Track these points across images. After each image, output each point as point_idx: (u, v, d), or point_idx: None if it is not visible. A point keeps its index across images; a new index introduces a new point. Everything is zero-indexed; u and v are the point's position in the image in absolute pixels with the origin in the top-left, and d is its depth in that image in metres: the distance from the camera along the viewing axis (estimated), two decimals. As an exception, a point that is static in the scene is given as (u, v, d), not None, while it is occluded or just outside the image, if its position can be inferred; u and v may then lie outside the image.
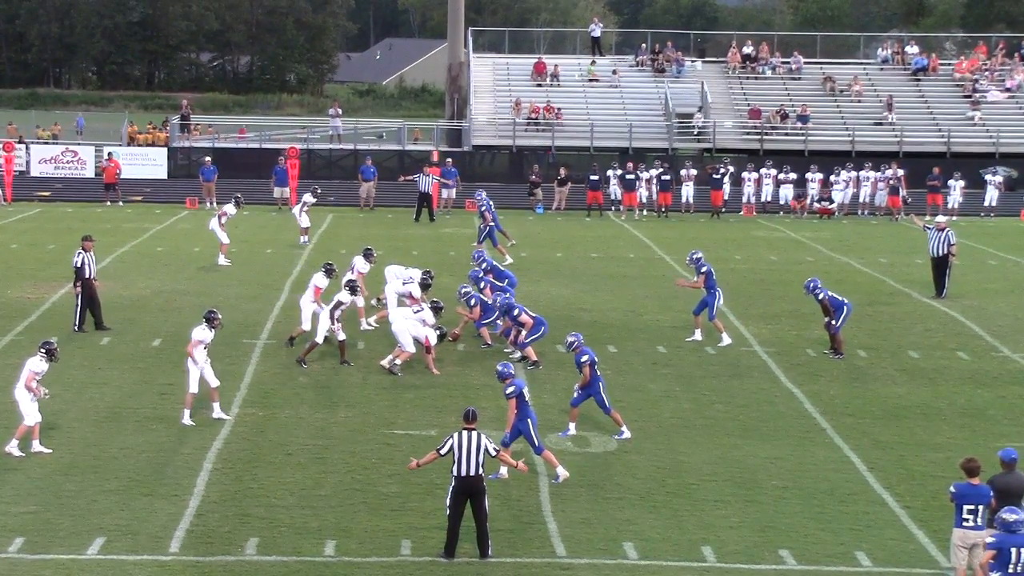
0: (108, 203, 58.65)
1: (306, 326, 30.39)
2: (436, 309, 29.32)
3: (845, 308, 30.93)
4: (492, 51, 74.39)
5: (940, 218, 39.50)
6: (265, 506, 20.61)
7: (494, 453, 19.15)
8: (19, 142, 65.70)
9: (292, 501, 20.85)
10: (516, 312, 29.51)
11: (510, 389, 22.63)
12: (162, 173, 64.36)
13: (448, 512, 18.86)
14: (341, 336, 29.12)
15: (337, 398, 26.82)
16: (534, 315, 29.59)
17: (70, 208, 57.11)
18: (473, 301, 30.98)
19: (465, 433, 18.97)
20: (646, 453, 23.45)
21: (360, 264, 33.33)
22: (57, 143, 70.38)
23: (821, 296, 30.86)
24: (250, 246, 46.54)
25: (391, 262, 34.86)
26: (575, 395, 24.94)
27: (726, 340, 31.83)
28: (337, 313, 28.85)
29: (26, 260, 42.89)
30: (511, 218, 52.38)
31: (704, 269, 32.04)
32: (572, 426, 24.79)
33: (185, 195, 59.12)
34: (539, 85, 69.32)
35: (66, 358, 29.33)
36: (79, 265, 32.39)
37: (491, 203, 46.30)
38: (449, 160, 59.33)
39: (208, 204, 58.16)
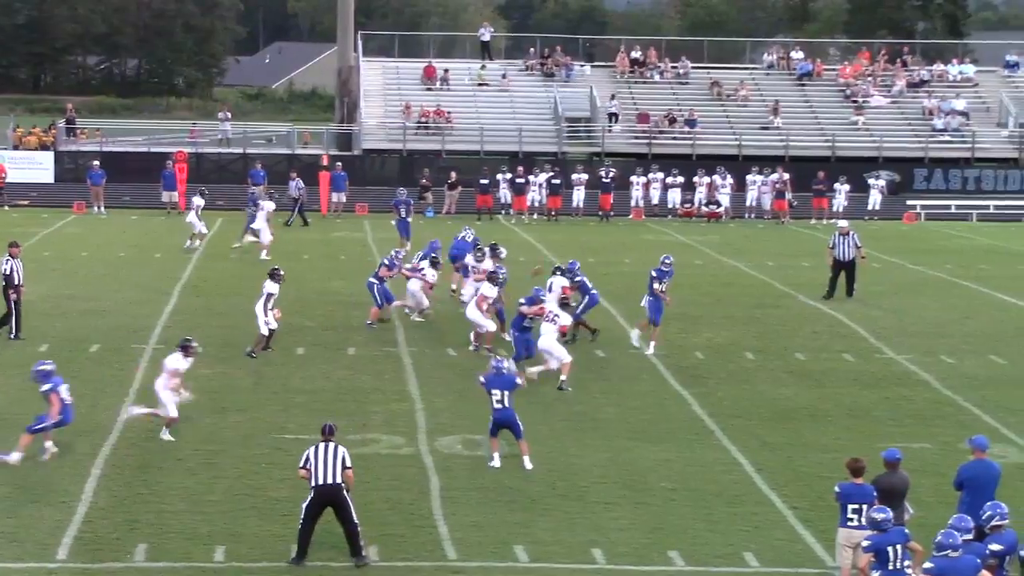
0: (-7, 207, 57.94)
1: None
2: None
3: (590, 297, 32.12)
4: (382, 55, 74.33)
5: (842, 223, 39.98)
6: (155, 512, 20.49)
7: (349, 464, 19.12)
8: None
9: (182, 506, 20.75)
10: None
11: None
12: (49, 177, 63.61)
13: (301, 520, 18.81)
14: (273, 325, 29.98)
15: (227, 403, 26.69)
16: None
17: (-46, 213, 56.35)
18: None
19: (322, 445, 19.00)
20: (537, 456, 23.50)
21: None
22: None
23: (577, 279, 31.93)
24: (139, 250, 46.21)
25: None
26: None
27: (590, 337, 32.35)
28: (269, 304, 29.68)
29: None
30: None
31: (578, 279, 32.28)
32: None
33: (72, 199, 58.51)
34: (429, 89, 69.35)
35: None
36: (8, 272, 31.83)
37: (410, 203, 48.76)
38: (339, 164, 59.19)
39: (96, 208, 57.64)
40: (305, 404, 26.69)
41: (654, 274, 32.14)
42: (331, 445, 19.00)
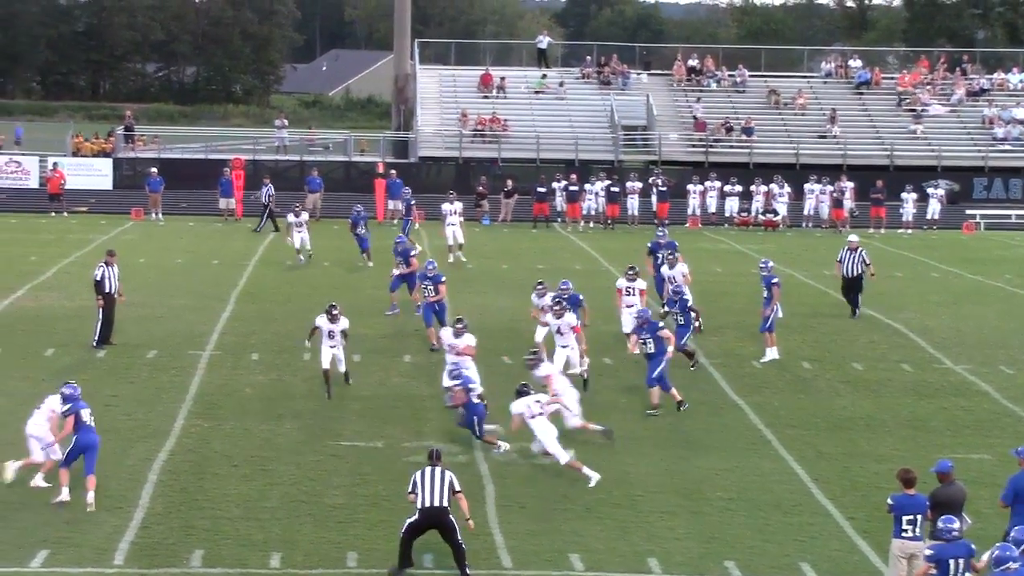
0: (53, 214, 58.33)
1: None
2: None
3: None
4: (438, 63, 74.37)
5: (852, 237, 39.34)
6: (210, 518, 20.54)
7: (459, 488, 19.03)
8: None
9: (237, 513, 20.79)
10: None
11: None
12: (107, 184, 64.02)
13: (403, 533, 18.75)
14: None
15: (283, 409, 26.74)
16: None
17: (14, 219, 56.73)
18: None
19: (428, 469, 18.96)
20: (592, 464, 23.43)
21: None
22: (1, 153, 69.87)
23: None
24: (196, 257, 46.44)
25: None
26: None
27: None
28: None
29: (-31, 271, 42.59)
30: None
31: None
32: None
33: (130, 206, 58.85)
34: (485, 97, 69.39)
35: (8, 370, 29.26)
36: (99, 279, 31.90)
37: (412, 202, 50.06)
38: (394, 172, 59.29)
39: (154, 215, 57.97)
40: (360, 411, 26.72)
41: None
42: (438, 469, 18.94)
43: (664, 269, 34.26)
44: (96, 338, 31.56)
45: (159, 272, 42.68)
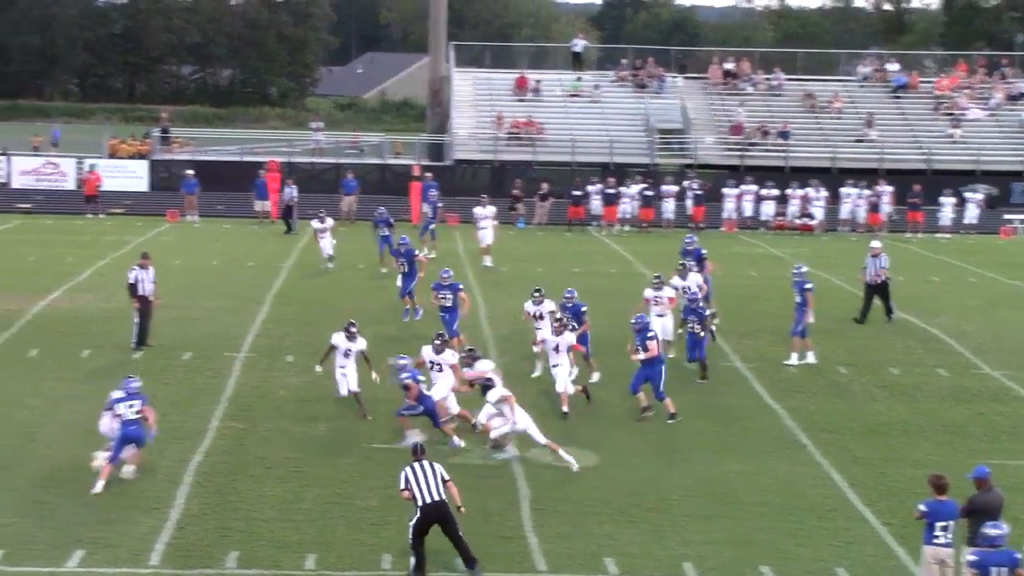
0: (89, 215, 58.56)
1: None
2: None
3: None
4: (474, 65, 74.37)
5: (875, 243, 38.95)
6: (245, 519, 20.58)
7: (448, 477, 19.15)
8: (0, 154, 65.52)
9: (272, 514, 20.83)
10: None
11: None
12: (143, 186, 64.22)
13: (412, 539, 18.75)
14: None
15: (317, 412, 26.77)
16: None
17: (50, 220, 56.97)
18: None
19: (416, 464, 19.01)
20: (626, 468, 23.46)
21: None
22: (38, 155, 70.19)
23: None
24: (231, 259, 46.54)
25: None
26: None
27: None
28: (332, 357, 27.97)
29: (5, 272, 42.74)
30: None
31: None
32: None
33: (166, 208, 59.05)
34: (521, 100, 69.35)
35: (44, 371, 29.37)
36: (132, 282, 31.96)
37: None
38: (429, 175, 59.31)
39: (189, 217, 58.15)
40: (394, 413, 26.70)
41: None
42: (426, 463, 19.01)
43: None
44: (135, 340, 31.68)
45: (194, 274, 42.77)
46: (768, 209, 60.02)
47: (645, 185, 58.99)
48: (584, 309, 30.07)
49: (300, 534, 20.03)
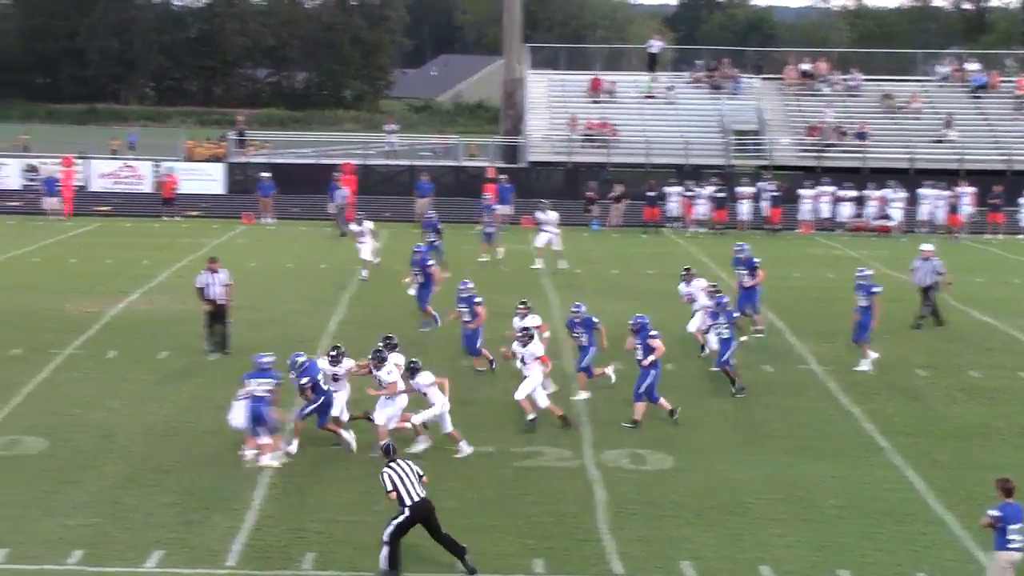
0: (165, 218, 59.01)
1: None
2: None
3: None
4: (548, 67, 74.30)
5: (926, 246, 38.24)
6: (322, 521, 20.62)
7: (423, 473, 19.30)
8: (79, 157, 66.13)
9: (349, 516, 20.86)
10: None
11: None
12: (219, 188, 64.65)
13: (391, 536, 18.81)
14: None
15: (393, 413, 26.76)
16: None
17: (128, 223, 57.45)
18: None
19: (394, 465, 19.07)
20: (702, 471, 23.36)
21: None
22: (116, 158, 70.80)
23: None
24: (306, 261, 46.72)
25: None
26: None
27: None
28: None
29: (84, 274, 43.14)
30: (566, 235, 52.23)
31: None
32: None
33: (242, 210, 59.39)
34: (595, 101, 69.26)
35: (122, 372, 29.58)
36: (200, 286, 32.11)
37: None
38: (504, 176, 59.34)
39: (265, 219, 58.46)
40: (470, 415, 26.67)
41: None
42: (402, 462, 19.15)
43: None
44: (208, 346, 31.74)
45: (270, 276, 42.96)
46: (845, 210, 59.62)
47: (716, 187, 58.76)
48: (596, 320, 28.77)
49: (377, 536, 19.96)
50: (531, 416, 26.01)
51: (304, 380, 24.14)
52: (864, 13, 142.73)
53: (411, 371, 24.28)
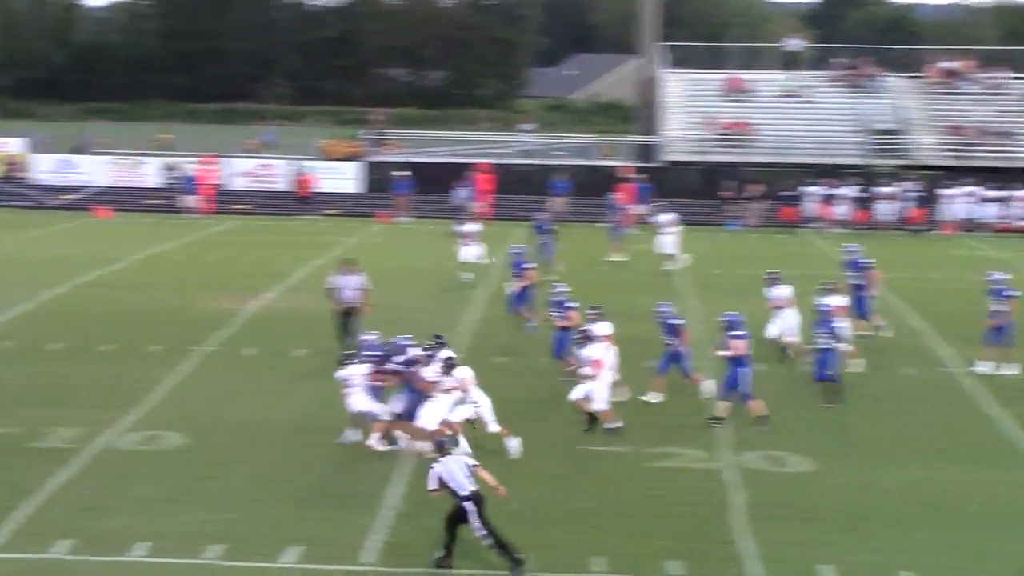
0: (303, 216, 59.47)
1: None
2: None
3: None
4: (684, 66, 73.82)
5: None
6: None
7: (476, 463, 19.31)
8: (218, 156, 66.90)
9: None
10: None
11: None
12: (355, 187, 65.05)
13: (450, 527, 18.82)
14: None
15: (525, 412, 26.67)
16: None
17: (266, 221, 58.01)
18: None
19: (444, 460, 19.02)
20: (842, 474, 23.04)
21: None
22: (253, 157, 71.53)
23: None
24: (442, 260, 46.74)
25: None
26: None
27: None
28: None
29: (223, 272, 43.62)
30: (703, 234, 52.02)
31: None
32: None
33: (377, 209, 59.69)
34: (732, 100, 68.79)
35: (260, 370, 29.80)
36: (332, 287, 32.15)
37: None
38: (641, 176, 59.10)
39: (401, 218, 58.70)
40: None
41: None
42: (451, 457, 19.07)
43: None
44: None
45: (405, 275, 43.08)
46: (990, 211, 58.61)
47: (858, 186, 58.06)
48: (678, 323, 28.17)
49: (512, 535, 19.89)
50: (616, 425, 25.65)
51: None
52: (1011, 10, 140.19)
53: (449, 367, 24.10)
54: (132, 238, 51.47)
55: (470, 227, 43.41)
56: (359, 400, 23.79)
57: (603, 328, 27.50)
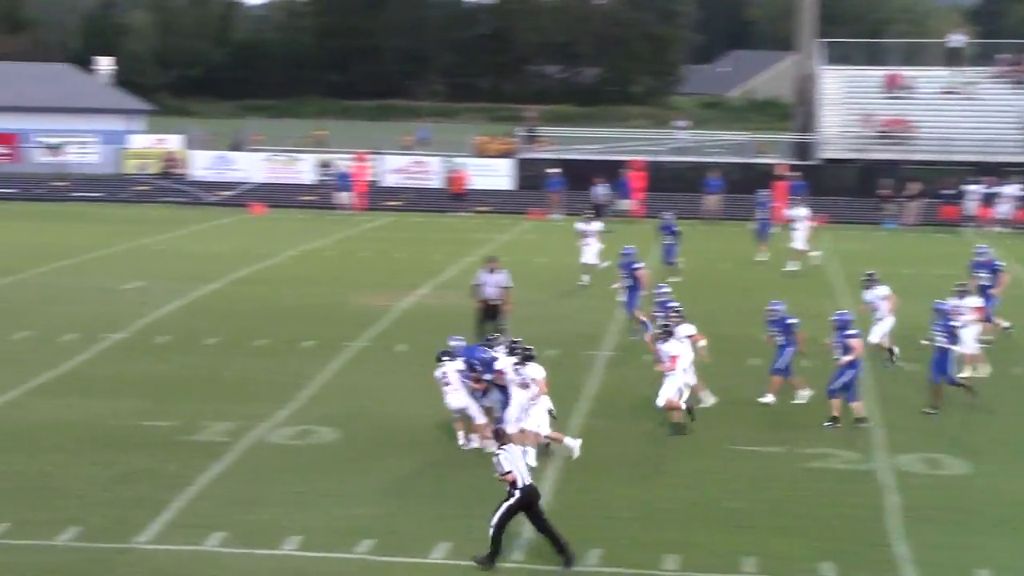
0: (456, 213, 59.67)
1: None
2: None
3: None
4: (842, 63, 72.91)
5: None
6: (606, 518, 20.43)
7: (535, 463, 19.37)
8: (372, 153, 67.42)
9: (633, 514, 20.63)
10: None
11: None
12: (508, 184, 65.17)
13: (501, 521, 18.53)
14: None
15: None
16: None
17: (419, 218, 58.30)
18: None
19: (507, 448, 18.76)
20: (1001, 477, 22.54)
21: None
22: (407, 154, 71.99)
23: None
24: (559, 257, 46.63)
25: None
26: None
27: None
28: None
29: (376, 268, 43.88)
30: (859, 233, 51.28)
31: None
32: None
33: (530, 206, 59.71)
34: (891, 97, 67.82)
35: (412, 366, 29.86)
36: (477, 283, 32.06)
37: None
38: (796, 174, 58.48)
39: (553, 215, 58.64)
40: (760, 416, 26.26)
41: None
42: (513, 447, 18.86)
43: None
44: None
45: (557, 272, 43.00)
46: None
47: (1022, 185, 56.90)
48: (792, 322, 27.33)
49: (663, 534, 19.78)
50: (678, 423, 25.28)
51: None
52: None
53: (526, 359, 23.47)
54: (286, 234, 52.01)
55: (594, 226, 42.41)
56: (457, 397, 23.63)
57: (687, 329, 26.84)
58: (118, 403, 26.44)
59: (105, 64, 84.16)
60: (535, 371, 23.19)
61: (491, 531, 18.50)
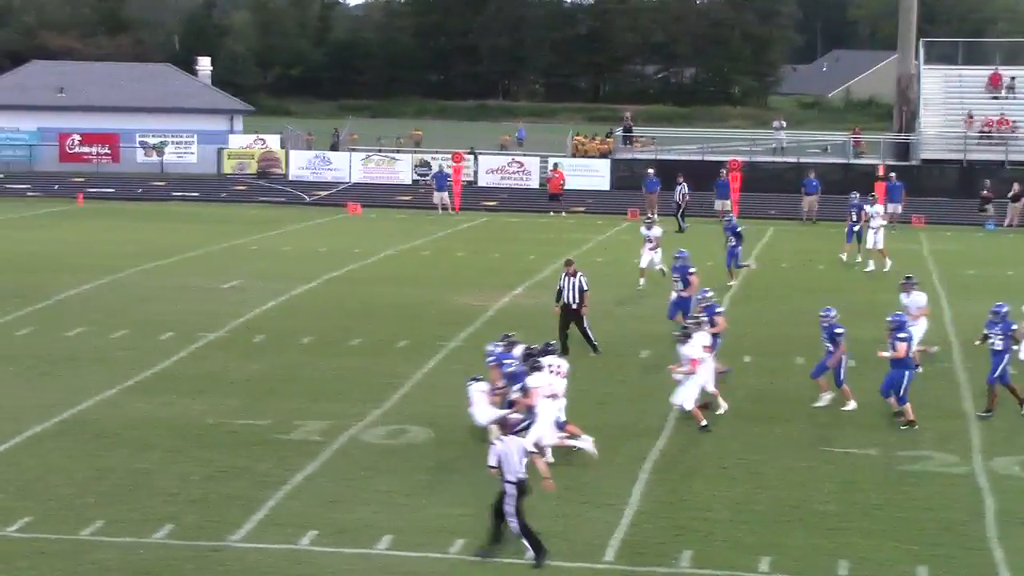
0: (552, 213, 59.65)
1: None
2: None
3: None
4: (944, 63, 72.17)
5: None
6: (699, 519, 20.34)
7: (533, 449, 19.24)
8: (469, 153, 67.57)
9: (726, 515, 20.52)
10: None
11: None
12: (604, 184, 65.06)
13: (520, 516, 18.56)
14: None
15: (773, 413, 26.34)
16: None
17: (515, 218, 58.33)
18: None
19: (503, 440, 18.72)
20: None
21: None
22: (504, 154, 72.06)
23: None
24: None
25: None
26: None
27: None
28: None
29: (471, 268, 43.96)
30: (959, 235, 50.68)
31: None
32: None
33: (626, 206, 59.56)
34: (994, 97, 67.04)
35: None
36: (560, 288, 31.69)
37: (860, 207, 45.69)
38: (893, 175, 57.94)
39: (650, 215, 58.40)
40: (854, 417, 26.01)
41: None
42: (511, 439, 18.78)
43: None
44: (592, 345, 31.39)
45: (650, 272, 42.75)
46: None
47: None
48: (840, 331, 26.65)
49: (755, 536, 19.65)
50: (703, 423, 25.08)
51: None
52: None
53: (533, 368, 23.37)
54: (382, 233, 52.23)
55: (655, 231, 41.42)
56: (482, 412, 23.33)
57: (703, 339, 26.31)
58: (213, 402, 26.67)
59: (205, 64, 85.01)
60: (538, 380, 23.07)
61: (517, 534, 18.59)
